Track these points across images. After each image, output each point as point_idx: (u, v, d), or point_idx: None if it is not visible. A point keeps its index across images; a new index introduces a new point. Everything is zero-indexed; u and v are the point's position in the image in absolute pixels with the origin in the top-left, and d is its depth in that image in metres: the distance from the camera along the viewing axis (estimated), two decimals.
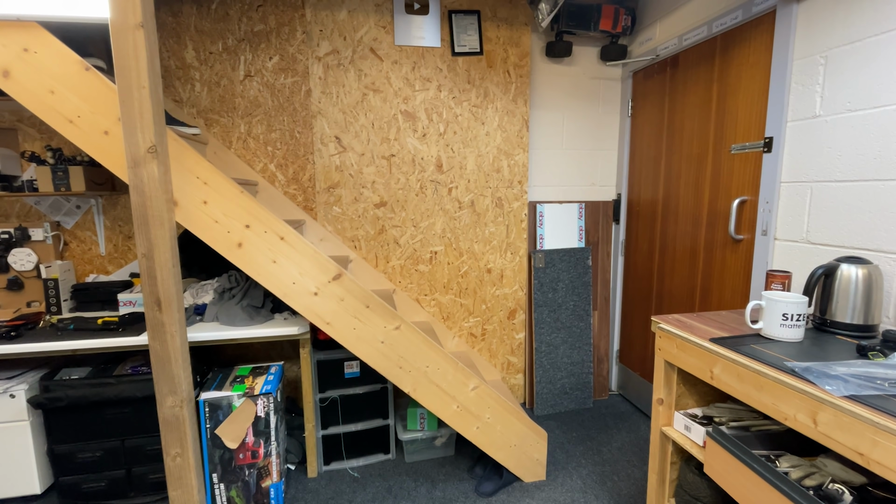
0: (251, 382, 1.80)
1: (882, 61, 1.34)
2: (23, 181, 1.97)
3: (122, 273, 2.21)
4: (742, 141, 1.84)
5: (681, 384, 1.44)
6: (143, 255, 1.49)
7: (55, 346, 1.66)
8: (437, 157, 2.40)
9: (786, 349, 1.17)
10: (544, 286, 2.55)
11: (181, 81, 2.15)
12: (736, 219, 1.87)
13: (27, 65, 1.46)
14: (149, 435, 1.81)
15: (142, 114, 1.42)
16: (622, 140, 2.64)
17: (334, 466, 2.08)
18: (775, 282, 1.47)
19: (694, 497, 1.37)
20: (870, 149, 1.38)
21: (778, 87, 1.65)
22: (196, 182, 1.57)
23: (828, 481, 1.01)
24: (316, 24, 2.20)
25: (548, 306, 2.56)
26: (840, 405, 0.89)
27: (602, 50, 2.54)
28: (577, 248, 2.60)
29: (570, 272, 2.58)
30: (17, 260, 2.00)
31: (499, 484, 1.91)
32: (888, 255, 1.35)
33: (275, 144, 2.26)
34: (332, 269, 1.69)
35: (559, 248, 2.59)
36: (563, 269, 2.58)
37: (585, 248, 2.60)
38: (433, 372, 1.79)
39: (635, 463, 2.10)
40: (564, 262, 2.58)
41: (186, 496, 1.62)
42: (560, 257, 2.57)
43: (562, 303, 2.58)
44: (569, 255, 2.58)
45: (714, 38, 1.96)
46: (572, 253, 2.58)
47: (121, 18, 1.37)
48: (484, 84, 2.38)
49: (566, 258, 2.58)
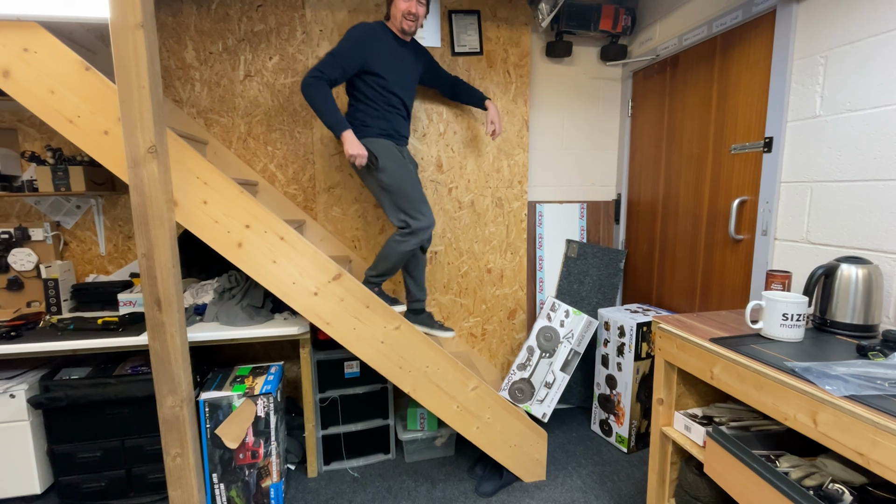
0: (251, 382, 1.80)
1: (882, 61, 1.34)
2: (23, 181, 1.97)
3: (122, 273, 2.21)
4: (742, 141, 1.84)
5: (681, 384, 1.44)
6: (143, 255, 1.49)
7: (55, 346, 1.66)
8: (437, 157, 2.40)
9: (786, 349, 1.17)
10: (571, 276, 2.59)
11: (181, 81, 2.15)
12: (736, 219, 1.87)
13: (27, 65, 1.46)
14: (149, 435, 1.81)
15: (142, 114, 1.42)
16: (622, 140, 2.64)
17: (334, 466, 2.08)
18: (775, 282, 1.47)
19: (694, 497, 1.37)
20: (870, 149, 1.38)
21: (778, 87, 1.65)
22: (196, 182, 1.57)
23: (828, 481, 1.01)
24: (316, 24, 2.20)
25: (570, 296, 2.59)
26: (840, 405, 0.89)
27: (602, 50, 2.54)
28: (613, 249, 2.64)
29: (601, 270, 2.61)
30: (17, 260, 2.00)
31: (499, 484, 1.91)
32: (888, 255, 1.35)
33: (275, 144, 2.26)
34: (332, 269, 1.69)
35: (595, 245, 2.63)
36: (593, 264, 2.60)
37: (622, 251, 2.62)
38: (433, 372, 1.79)
39: (635, 463, 2.10)
40: (598, 258, 2.61)
41: (186, 496, 1.62)
42: (594, 253, 2.60)
43: (585, 297, 2.60)
44: (603, 253, 2.61)
45: (714, 38, 1.96)
46: (607, 252, 2.61)
47: (121, 18, 1.37)
48: (484, 84, 2.38)
49: (599, 255, 2.61)
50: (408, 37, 1.89)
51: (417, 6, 1.81)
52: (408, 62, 1.92)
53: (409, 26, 1.83)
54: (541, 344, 2.05)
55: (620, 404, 2.20)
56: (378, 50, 1.82)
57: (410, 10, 1.80)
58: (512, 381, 2.03)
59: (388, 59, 1.84)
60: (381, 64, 1.82)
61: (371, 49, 1.80)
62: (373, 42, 1.81)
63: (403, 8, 1.80)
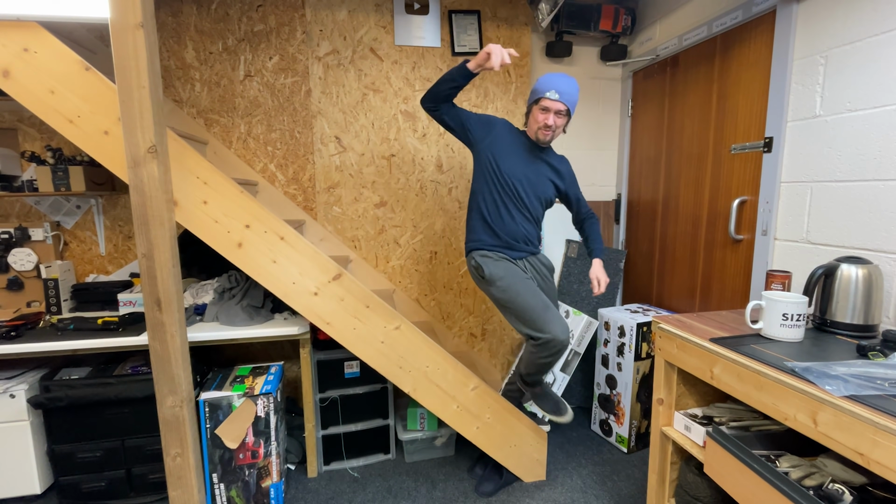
0: (251, 382, 1.80)
1: (882, 61, 1.34)
2: (23, 181, 1.97)
3: (122, 273, 2.21)
4: (742, 141, 1.84)
5: (681, 384, 1.44)
6: (143, 255, 1.48)
7: (55, 346, 1.66)
8: (437, 157, 2.40)
9: (786, 349, 1.17)
10: (571, 276, 2.58)
11: (181, 81, 2.15)
12: (736, 219, 1.87)
13: (27, 65, 1.46)
14: (149, 435, 1.81)
15: (142, 114, 1.42)
16: (622, 140, 2.64)
17: (334, 466, 2.08)
18: (775, 282, 1.47)
19: (694, 497, 1.37)
20: (870, 149, 1.38)
21: (778, 87, 1.65)
22: (196, 182, 1.57)
23: (828, 481, 1.01)
24: (316, 23, 2.20)
25: (570, 296, 2.58)
26: (840, 405, 0.89)
27: (602, 50, 2.54)
28: (613, 249, 2.63)
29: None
30: (17, 260, 2.00)
31: (499, 484, 1.91)
32: (888, 255, 1.35)
33: (275, 144, 2.26)
34: (333, 269, 1.69)
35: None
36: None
37: (622, 251, 2.62)
38: (433, 372, 1.79)
39: (635, 463, 2.10)
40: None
41: (186, 496, 1.62)
42: None
43: (585, 297, 2.60)
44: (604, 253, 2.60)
45: (714, 38, 1.96)
46: (607, 252, 2.61)
47: (121, 18, 1.37)
48: (484, 84, 2.38)
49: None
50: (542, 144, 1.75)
51: (556, 119, 1.66)
52: (538, 166, 1.77)
53: (545, 135, 1.69)
54: None
55: (620, 404, 2.20)
56: (503, 138, 1.73)
57: (547, 122, 1.65)
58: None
59: (511, 150, 1.73)
60: (502, 150, 1.72)
61: (496, 132, 1.74)
62: (500, 129, 1.75)
63: (541, 120, 1.66)
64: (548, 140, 1.70)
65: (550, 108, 1.64)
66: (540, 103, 1.65)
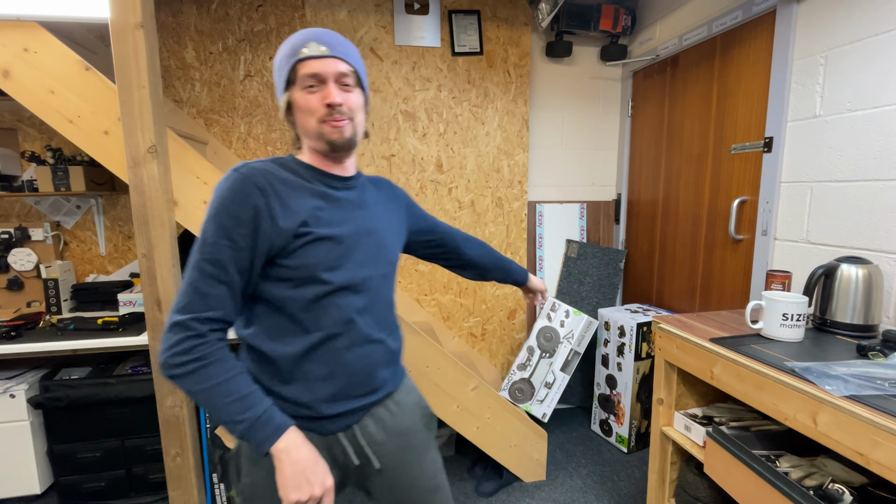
0: None
1: (882, 61, 1.34)
2: (23, 181, 1.97)
3: (122, 273, 2.21)
4: (742, 141, 1.84)
5: (681, 384, 1.44)
6: (143, 255, 1.48)
7: (55, 346, 1.66)
8: (437, 157, 2.40)
9: (786, 349, 1.17)
10: (571, 276, 2.59)
11: (181, 81, 2.15)
12: (736, 219, 1.87)
13: (27, 65, 1.46)
14: (149, 435, 1.81)
15: (142, 114, 1.42)
16: (622, 140, 2.64)
17: None
18: (775, 282, 1.47)
19: (694, 497, 1.37)
20: (870, 149, 1.38)
21: (778, 87, 1.65)
22: (196, 182, 1.57)
23: (828, 481, 1.01)
24: (316, 23, 2.20)
25: (570, 296, 2.59)
26: (840, 405, 0.89)
27: (602, 50, 2.54)
28: (613, 249, 2.63)
29: (601, 270, 2.61)
30: (17, 260, 2.00)
31: (499, 484, 1.91)
32: (888, 255, 1.35)
33: (275, 144, 2.26)
34: None
35: (595, 245, 2.63)
36: (593, 264, 2.60)
37: (622, 251, 2.62)
38: (433, 372, 1.79)
39: (635, 463, 2.10)
40: (597, 258, 2.61)
41: (186, 496, 1.62)
42: (594, 253, 2.60)
43: (585, 297, 2.60)
44: (603, 253, 2.61)
45: (714, 38, 1.96)
46: (607, 252, 2.61)
47: (121, 18, 1.37)
48: (484, 84, 2.38)
49: (599, 255, 2.61)
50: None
51: (343, 92, 0.86)
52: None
53: (339, 127, 0.89)
54: (541, 344, 2.05)
55: (620, 404, 2.20)
56: None
57: (331, 99, 0.84)
58: (512, 381, 2.03)
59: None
60: None
61: None
62: None
63: (315, 104, 0.86)
64: (346, 138, 0.87)
65: (324, 71, 0.83)
66: (300, 70, 0.83)
